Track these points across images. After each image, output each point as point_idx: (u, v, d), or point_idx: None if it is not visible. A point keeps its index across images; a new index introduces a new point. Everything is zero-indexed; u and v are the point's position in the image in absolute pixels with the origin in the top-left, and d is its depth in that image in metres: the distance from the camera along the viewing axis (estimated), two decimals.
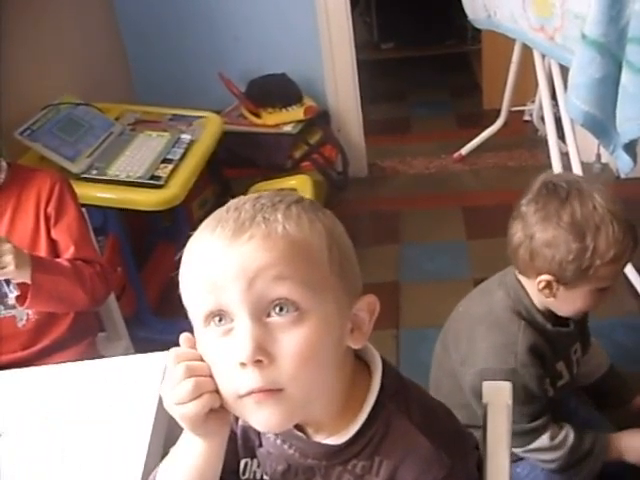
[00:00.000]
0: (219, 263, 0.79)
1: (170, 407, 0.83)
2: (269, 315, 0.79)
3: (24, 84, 2.51)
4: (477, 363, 1.45)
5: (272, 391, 0.79)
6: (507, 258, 1.49)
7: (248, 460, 0.99)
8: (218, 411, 0.83)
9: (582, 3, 1.90)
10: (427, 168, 3.75)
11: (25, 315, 1.66)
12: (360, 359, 0.93)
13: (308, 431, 0.91)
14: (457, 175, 3.71)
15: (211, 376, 0.82)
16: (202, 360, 0.83)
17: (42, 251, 1.64)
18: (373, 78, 4.23)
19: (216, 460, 0.89)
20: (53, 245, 1.67)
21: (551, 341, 1.47)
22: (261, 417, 0.81)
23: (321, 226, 0.84)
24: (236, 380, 0.79)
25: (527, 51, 2.90)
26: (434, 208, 3.38)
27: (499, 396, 1.07)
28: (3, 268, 1.49)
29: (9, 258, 1.49)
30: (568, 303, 1.43)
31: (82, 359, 1.50)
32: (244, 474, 0.99)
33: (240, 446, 0.99)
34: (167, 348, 1.34)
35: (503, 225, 1.50)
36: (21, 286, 1.58)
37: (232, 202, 0.86)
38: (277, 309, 0.79)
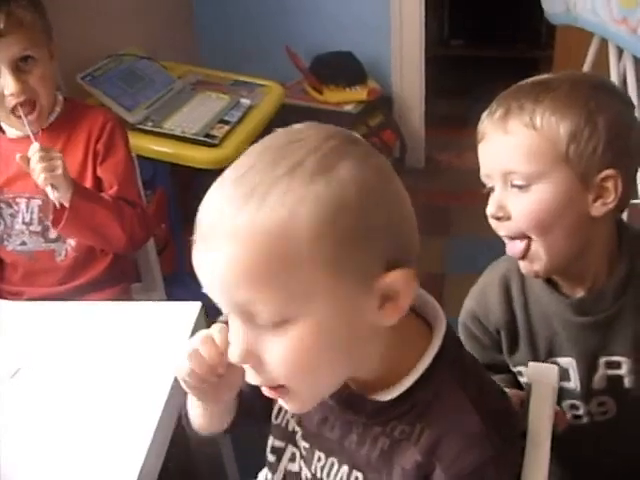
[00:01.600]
0: (197, 261, 0.74)
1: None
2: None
3: (90, 31, 2.51)
4: None
5: (274, 387, 0.77)
6: None
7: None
8: (220, 381, 0.84)
9: None
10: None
11: (64, 250, 1.66)
12: (422, 318, 0.86)
13: (352, 385, 0.86)
14: None
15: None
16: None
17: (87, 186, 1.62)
18: (439, 72, 4.14)
19: (218, 419, 0.96)
20: (98, 183, 1.65)
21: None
22: (280, 402, 0.81)
23: (313, 207, 0.70)
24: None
25: (599, 59, 2.81)
26: (476, 204, 3.29)
27: (545, 377, 1.01)
28: (53, 170, 1.46)
29: (59, 162, 1.47)
30: None
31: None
32: (276, 418, 0.96)
33: None
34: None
35: None
36: (60, 212, 1.54)
37: (234, 169, 0.75)
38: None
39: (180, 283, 2.49)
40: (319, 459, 0.90)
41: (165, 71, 2.62)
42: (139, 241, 1.67)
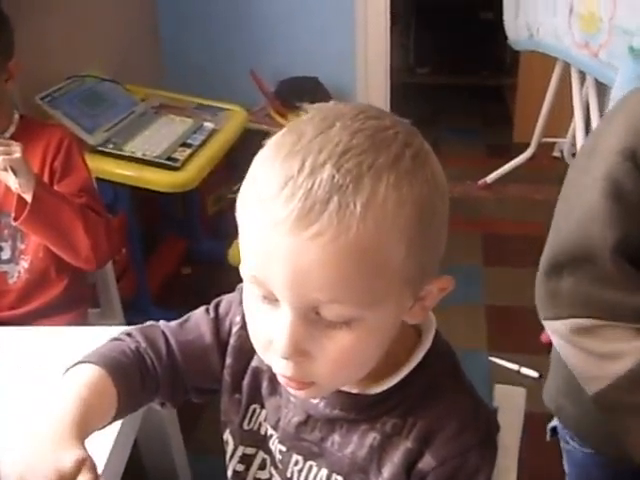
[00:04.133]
0: (272, 250, 0.67)
1: None
2: (315, 312, 0.69)
3: (52, 52, 2.47)
4: None
5: (303, 382, 0.74)
6: (521, 288, 1.36)
7: (257, 407, 0.92)
8: None
9: (632, 17, 1.84)
10: (451, 192, 3.64)
11: (17, 272, 1.61)
12: None
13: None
14: (481, 202, 3.65)
15: None
16: None
17: None
18: (405, 100, 4.17)
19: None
20: None
21: None
22: (289, 389, 0.78)
23: (408, 211, 0.67)
24: (271, 352, 0.73)
25: (563, 85, 2.85)
26: (453, 232, 3.27)
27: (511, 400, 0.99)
28: (10, 154, 1.43)
29: (17, 148, 1.44)
30: None
31: None
32: (248, 424, 0.93)
33: (246, 389, 0.92)
34: None
35: (522, 255, 1.42)
36: (22, 204, 1.49)
37: (315, 138, 0.67)
38: None
39: (141, 309, 2.45)
40: (296, 463, 0.87)
41: (128, 94, 2.60)
42: (103, 253, 1.60)
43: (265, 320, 0.73)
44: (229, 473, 0.95)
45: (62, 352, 1.28)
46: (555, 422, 1.25)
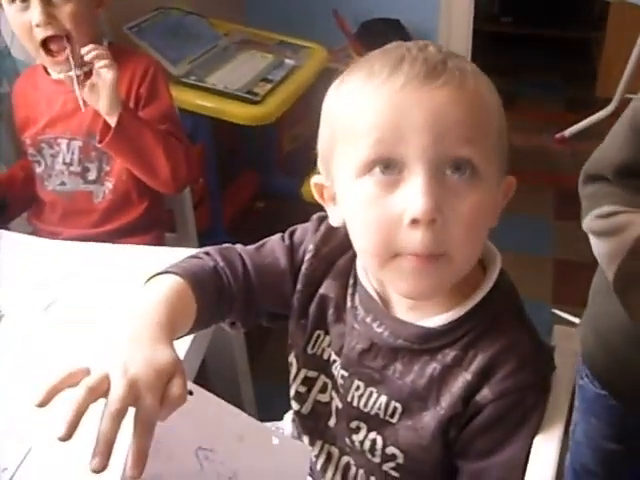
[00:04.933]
0: (406, 105, 0.73)
1: None
2: (444, 173, 0.74)
3: None
4: None
5: (435, 256, 0.75)
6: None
7: (321, 333, 0.96)
8: None
9: None
10: (527, 144, 3.63)
11: (102, 193, 1.68)
12: None
13: (401, 310, 0.87)
14: (556, 155, 3.59)
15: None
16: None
17: None
18: (486, 49, 4.08)
19: None
20: None
21: None
22: (413, 283, 0.78)
23: (495, 91, 0.80)
24: (398, 238, 0.75)
25: None
26: (526, 183, 3.25)
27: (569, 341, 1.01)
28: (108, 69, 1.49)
29: (112, 72, 1.49)
30: None
31: None
32: (312, 349, 0.96)
33: (312, 315, 0.96)
34: None
35: None
36: (107, 127, 1.54)
37: (400, 45, 0.80)
38: (453, 168, 0.74)
39: (214, 239, 2.50)
40: (357, 388, 0.90)
41: (212, 27, 2.62)
42: (182, 179, 1.64)
43: (388, 202, 0.75)
44: (292, 393, 0.99)
45: (140, 270, 1.35)
46: None
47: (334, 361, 0.93)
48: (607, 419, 1.20)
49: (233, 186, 2.94)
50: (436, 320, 0.84)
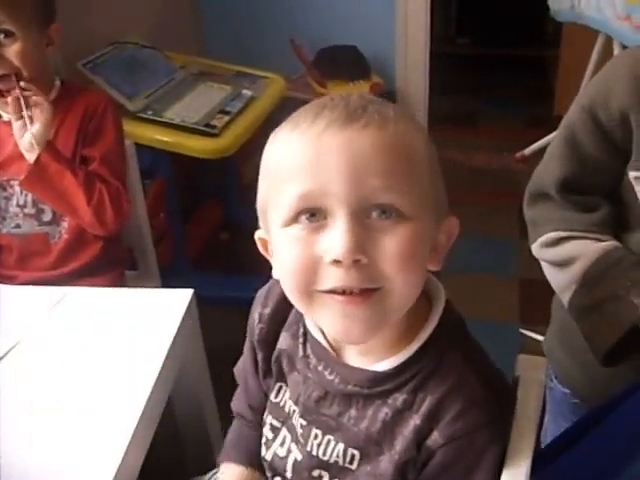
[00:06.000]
0: (325, 149, 0.74)
1: None
2: (369, 217, 0.74)
3: (93, 18, 2.49)
4: None
5: (369, 292, 0.75)
6: None
7: (282, 385, 0.97)
8: None
9: None
10: (488, 164, 3.66)
11: (58, 233, 1.66)
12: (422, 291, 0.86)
13: (351, 356, 0.87)
14: (517, 174, 3.60)
15: None
16: None
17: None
18: (444, 70, 4.14)
19: None
20: (85, 162, 1.64)
21: None
22: (343, 323, 0.77)
23: (422, 134, 0.80)
24: (319, 274, 0.75)
25: (605, 58, 2.80)
26: (489, 203, 3.30)
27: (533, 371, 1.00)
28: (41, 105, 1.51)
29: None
30: None
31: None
32: (276, 397, 0.97)
33: (274, 369, 0.97)
34: (201, 302, 1.32)
35: None
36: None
37: (326, 97, 0.81)
38: (379, 211, 0.74)
39: (179, 274, 2.49)
40: (315, 436, 0.90)
41: (168, 60, 2.61)
42: (108, 220, 1.61)
43: (312, 243, 0.75)
44: (263, 440, 0.99)
45: (98, 313, 1.33)
46: None
47: (294, 411, 0.94)
48: (573, 418, 1.23)
49: (196, 219, 2.92)
50: (384, 364, 0.83)
